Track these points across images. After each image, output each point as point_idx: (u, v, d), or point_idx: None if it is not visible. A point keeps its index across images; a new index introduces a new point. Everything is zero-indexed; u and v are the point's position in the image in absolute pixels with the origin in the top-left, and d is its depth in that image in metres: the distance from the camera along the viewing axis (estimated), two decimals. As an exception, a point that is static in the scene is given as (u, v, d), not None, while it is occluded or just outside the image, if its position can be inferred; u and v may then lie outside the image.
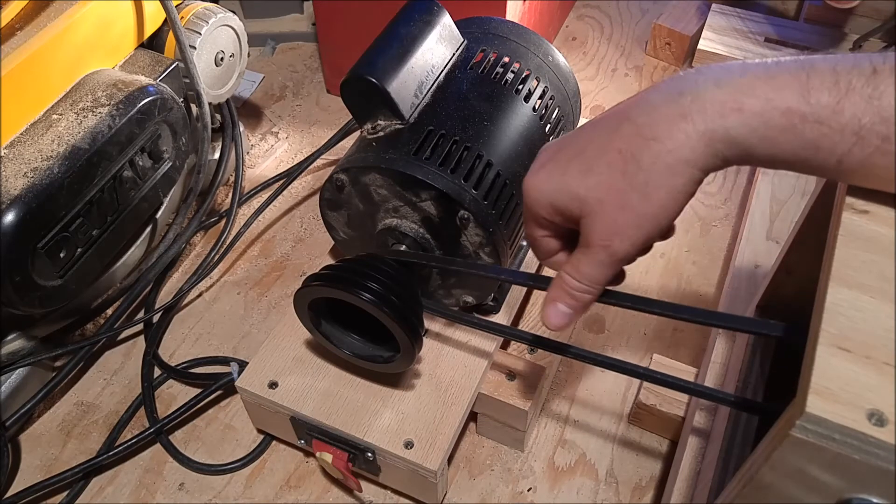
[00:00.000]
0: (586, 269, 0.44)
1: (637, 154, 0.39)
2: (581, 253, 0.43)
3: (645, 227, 0.41)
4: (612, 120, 0.41)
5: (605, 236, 0.41)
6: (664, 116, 0.38)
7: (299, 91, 1.14)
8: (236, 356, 0.81)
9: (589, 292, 0.45)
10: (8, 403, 0.72)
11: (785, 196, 0.87)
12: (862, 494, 0.32)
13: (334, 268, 0.59)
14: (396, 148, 0.62)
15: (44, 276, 0.65)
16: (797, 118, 0.35)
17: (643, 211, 0.40)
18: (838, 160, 0.35)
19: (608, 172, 0.40)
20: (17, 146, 0.64)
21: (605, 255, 0.42)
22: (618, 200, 0.40)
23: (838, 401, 0.31)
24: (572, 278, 0.44)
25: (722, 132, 0.37)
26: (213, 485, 0.73)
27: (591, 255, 0.43)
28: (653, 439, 0.75)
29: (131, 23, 0.74)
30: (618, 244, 0.41)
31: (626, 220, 0.40)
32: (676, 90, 0.39)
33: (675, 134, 0.38)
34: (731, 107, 0.37)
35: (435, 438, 0.64)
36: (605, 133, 0.41)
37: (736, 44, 1.06)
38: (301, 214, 0.97)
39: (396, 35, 0.64)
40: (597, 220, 0.41)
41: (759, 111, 0.36)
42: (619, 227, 0.41)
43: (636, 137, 0.39)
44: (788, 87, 0.36)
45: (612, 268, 0.43)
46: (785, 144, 0.36)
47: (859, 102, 0.34)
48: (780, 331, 0.45)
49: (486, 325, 0.63)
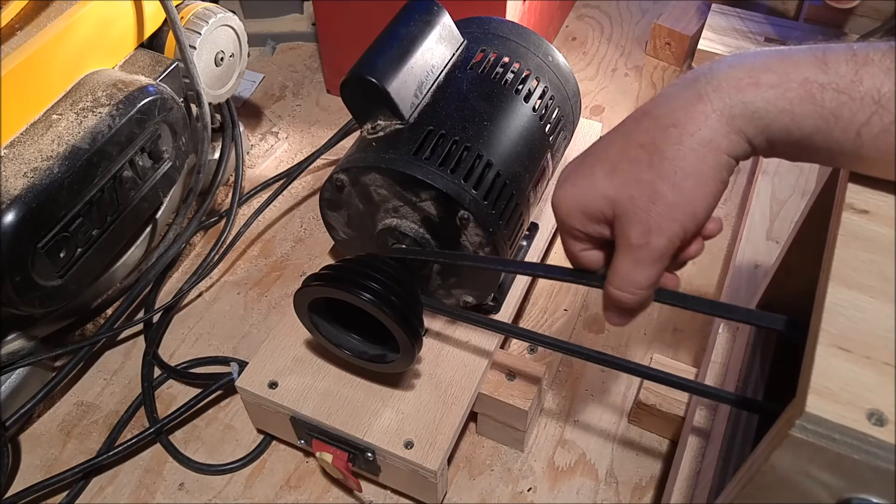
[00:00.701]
0: (627, 274, 0.42)
1: (659, 144, 0.39)
2: (620, 257, 0.42)
3: (679, 219, 0.39)
4: (630, 120, 0.41)
5: (642, 234, 0.40)
6: (681, 103, 0.38)
7: (299, 91, 1.14)
8: (236, 356, 0.81)
9: (634, 296, 0.43)
10: (8, 403, 0.72)
11: (785, 196, 0.87)
12: (862, 494, 0.32)
13: (334, 268, 0.59)
14: (396, 148, 0.62)
15: (44, 276, 0.65)
16: (815, 87, 0.35)
17: (675, 200, 0.39)
18: (857, 132, 0.35)
19: (634, 168, 0.40)
20: (17, 146, 0.64)
21: (644, 254, 0.41)
22: (648, 193, 0.39)
23: (838, 401, 0.31)
24: (613, 288, 0.43)
25: (740, 107, 0.37)
26: (213, 485, 0.73)
27: (630, 257, 0.41)
28: (653, 439, 0.75)
29: (131, 23, 0.74)
30: (655, 240, 0.40)
31: (660, 212, 0.39)
32: (691, 77, 0.39)
33: (693, 116, 0.38)
34: (748, 82, 0.37)
35: (435, 438, 0.64)
36: (625, 133, 0.41)
37: (736, 44, 1.06)
38: (301, 214, 0.97)
39: (396, 35, 0.64)
40: (630, 218, 0.40)
41: (776, 83, 0.36)
42: (653, 222, 0.39)
43: (656, 129, 0.39)
44: (805, 62, 0.36)
45: (653, 267, 0.41)
46: (803, 116, 0.36)
47: (878, 74, 0.34)
48: (780, 324, 0.45)
49: (487, 323, 0.63)
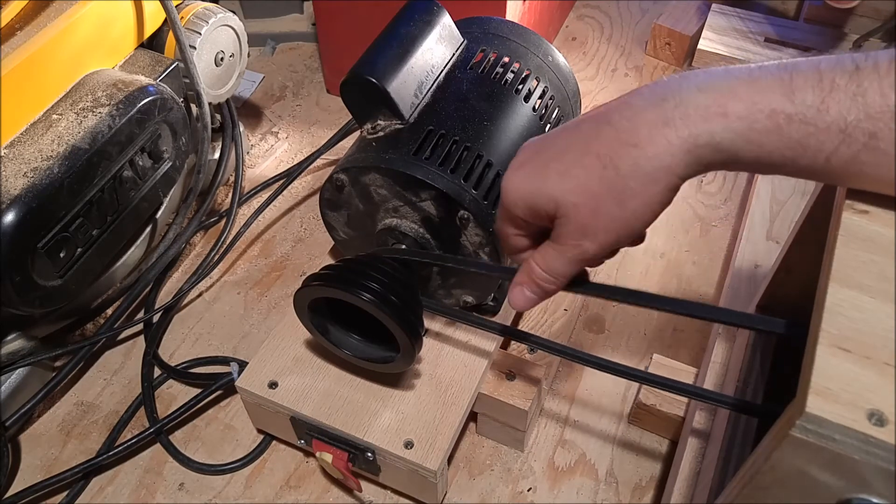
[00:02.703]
0: (554, 263, 0.45)
1: (616, 159, 0.39)
2: (551, 247, 0.44)
3: (616, 232, 0.41)
4: (592, 123, 0.41)
5: (577, 237, 0.42)
6: (645, 122, 0.38)
7: (299, 91, 1.14)
8: (236, 356, 0.81)
9: (554, 283, 0.46)
10: (8, 403, 0.72)
11: (785, 196, 0.87)
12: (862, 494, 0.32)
13: (334, 268, 0.59)
14: (396, 148, 0.62)
15: (44, 276, 0.65)
16: (782, 119, 0.35)
17: (616, 216, 0.40)
18: (826, 159, 0.35)
19: (585, 176, 0.40)
20: (17, 146, 0.64)
21: (574, 254, 0.43)
22: (592, 204, 0.41)
23: (838, 401, 0.31)
24: (540, 269, 0.46)
25: (706, 137, 0.37)
26: (213, 485, 0.73)
27: (560, 252, 0.44)
28: (653, 439, 0.75)
29: (131, 23, 0.74)
30: (587, 245, 0.42)
31: (599, 224, 0.41)
32: (659, 95, 0.38)
33: (656, 140, 0.38)
34: (715, 111, 0.36)
35: (435, 438, 0.64)
36: (585, 136, 0.41)
37: (736, 44, 1.06)
38: (301, 214, 0.97)
39: (396, 35, 0.64)
40: (570, 221, 0.42)
41: (744, 114, 0.36)
42: (590, 230, 0.42)
43: (616, 142, 0.39)
44: (772, 89, 0.35)
45: (578, 265, 0.44)
46: (771, 146, 0.36)
47: (844, 100, 0.34)
48: (781, 327, 0.45)
49: (487, 324, 0.63)
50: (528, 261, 0.47)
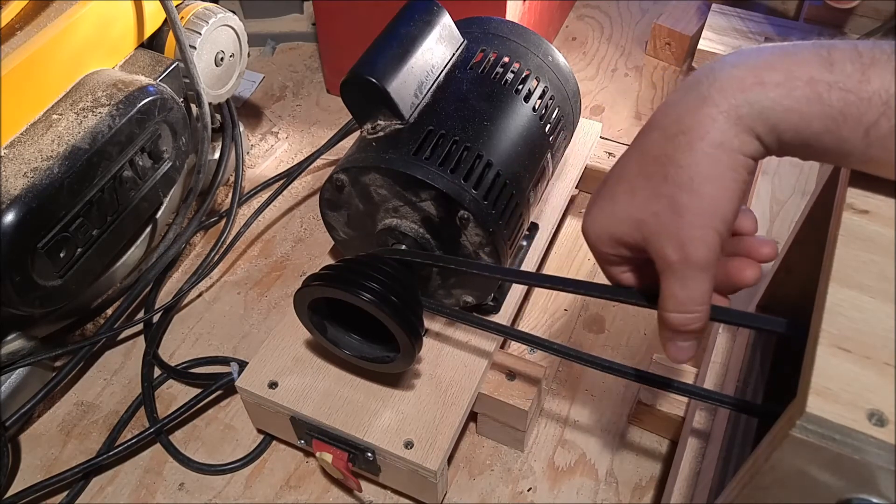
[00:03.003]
0: (678, 293, 0.40)
1: (672, 154, 0.38)
2: (665, 280, 0.40)
3: (709, 225, 0.38)
4: (641, 135, 0.41)
5: (677, 249, 0.39)
6: (686, 108, 0.38)
7: (299, 91, 1.14)
8: (236, 356, 0.81)
9: (696, 317, 0.41)
10: (8, 403, 0.72)
11: (785, 196, 0.87)
12: (862, 494, 0.32)
13: (334, 268, 0.59)
14: (396, 148, 0.62)
15: (44, 276, 0.65)
16: (822, 87, 0.35)
17: (699, 207, 0.38)
18: (865, 132, 0.34)
19: (652, 183, 0.39)
20: (17, 146, 0.64)
21: (688, 269, 0.39)
22: (671, 206, 0.38)
23: (838, 401, 0.31)
24: (670, 314, 0.41)
25: (746, 107, 0.36)
26: (213, 485, 0.73)
27: (675, 276, 0.40)
28: (653, 439, 0.75)
29: (131, 23, 0.74)
30: (693, 251, 0.38)
31: (687, 222, 0.38)
32: (694, 81, 0.38)
33: (700, 120, 0.37)
34: (752, 81, 0.36)
35: (435, 438, 0.64)
36: (638, 150, 0.41)
37: (736, 44, 1.06)
38: (301, 214, 0.97)
39: (396, 35, 0.64)
40: (661, 235, 0.39)
41: (782, 82, 0.35)
42: (684, 234, 0.38)
43: (666, 139, 0.39)
44: (809, 61, 0.35)
45: (701, 279, 0.39)
46: (811, 116, 0.35)
47: (885, 74, 0.33)
48: (782, 327, 0.45)
49: (487, 325, 0.63)
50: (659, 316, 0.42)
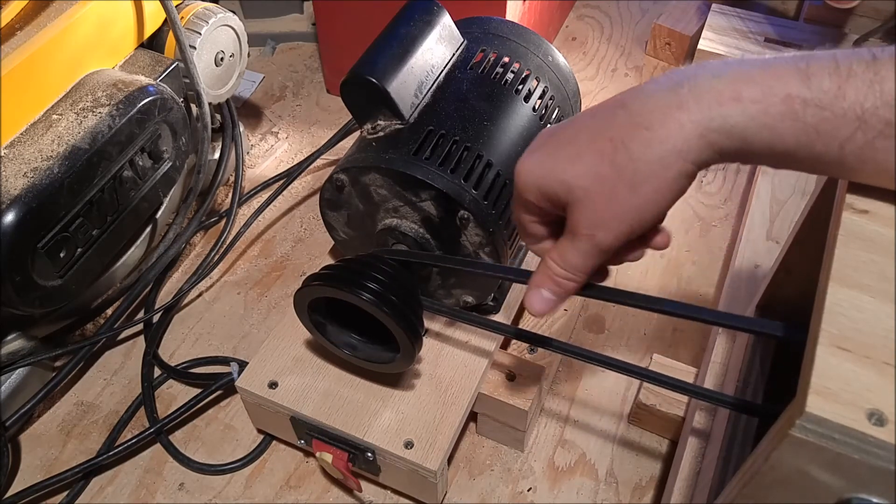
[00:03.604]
0: (571, 257, 0.43)
1: (628, 142, 0.38)
2: (566, 240, 0.43)
3: (629, 221, 0.40)
4: (607, 108, 0.41)
5: (590, 226, 0.41)
6: (659, 105, 0.38)
7: (299, 91, 1.14)
8: (236, 356, 0.81)
9: (573, 280, 0.45)
10: (8, 403, 0.72)
11: (785, 196, 0.87)
12: (862, 494, 0.32)
13: (334, 268, 0.59)
14: (396, 148, 0.62)
15: (44, 276, 0.65)
16: (798, 103, 0.35)
17: (629, 203, 0.39)
18: (840, 146, 0.35)
19: (598, 160, 0.40)
20: (17, 146, 0.64)
21: (590, 246, 0.42)
22: (604, 190, 0.40)
23: (838, 401, 0.31)
24: (557, 265, 0.44)
25: (719, 121, 0.36)
26: (213, 485, 0.73)
27: (576, 244, 0.42)
28: (653, 439, 0.75)
29: (131, 23, 0.74)
30: (602, 236, 0.41)
31: (612, 211, 0.40)
32: (675, 81, 0.38)
33: (668, 123, 0.37)
34: (729, 96, 0.36)
35: (435, 438, 0.64)
36: (599, 121, 0.41)
37: (736, 44, 1.06)
38: (301, 214, 0.97)
39: (396, 35, 0.64)
40: (582, 208, 0.41)
41: (758, 98, 0.35)
42: (603, 219, 0.40)
43: (629, 126, 0.39)
44: (788, 75, 0.35)
45: (595, 258, 0.43)
46: (785, 132, 0.35)
47: (861, 87, 0.33)
48: (780, 330, 0.45)
49: (487, 324, 0.63)
50: (545, 258, 0.45)
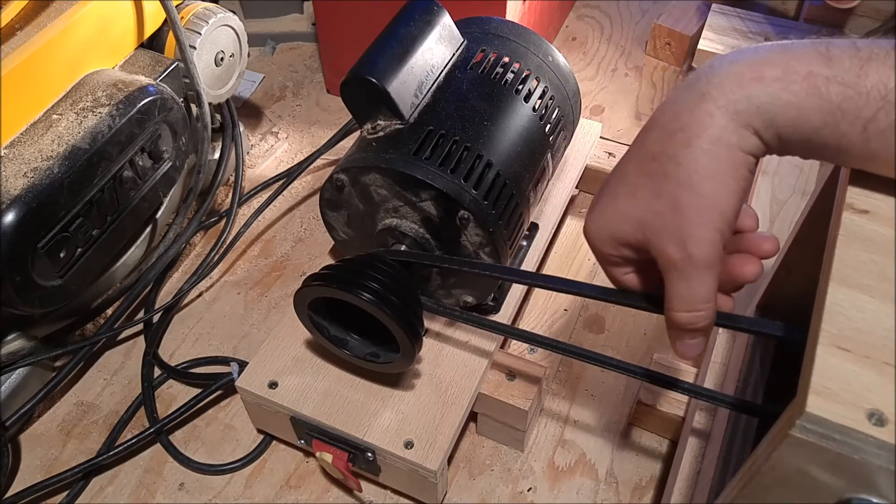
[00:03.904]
0: (683, 293, 0.40)
1: (671, 152, 0.38)
2: (669, 279, 0.40)
3: (710, 223, 0.38)
4: (641, 134, 0.41)
5: (680, 248, 0.38)
6: (685, 106, 0.38)
7: (299, 91, 1.14)
8: (236, 356, 0.81)
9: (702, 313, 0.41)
10: (8, 403, 0.72)
11: (785, 196, 0.87)
12: (862, 494, 0.32)
13: (334, 268, 0.59)
14: (396, 148, 0.62)
15: (44, 276, 0.65)
16: (820, 81, 0.35)
17: (700, 206, 0.38)
18: (864, 126, 0.34)
19: (653, 182, 0.39)
20: (17, 146, 0.64)
21: (691, 268, 0.39)
22: (672, 206, 0.38)
23: (838, 401, 0.31)
24: (676, 313, 0.41)
25: (744, 102, 0.36)
26: (213, 485, 0.73)
27: (679, 276, 0.39)
28: (653, 439, 0.75)
29: (131, 23, 0.74)
30: (695, 249, 0.38)
31: (688, 220, 0.38)
32: (692, 79, 0.38)
33: (698, 117, 0.37)
34: (750, 77, 0.36)
35: (435, 438, 0.64)
36: (639, 149, 0.41)
37: (736, 44, 1.06)
38: (301, 214, 0.97)
39: (396, 35, 0.64)
40: (663, 235, 0.39)
41: (780, 76, 0.35)
42: (685, 232, 0.38)
43: (664, 137, 0.39)
44: (808, 56, 0.35)
45: (705, 277, 0.39)
46: (809, 110, 0.35)
47: (883, 69, 0.33)
48: (779, 330, 0.45)
49: (487, 324, 0.63)
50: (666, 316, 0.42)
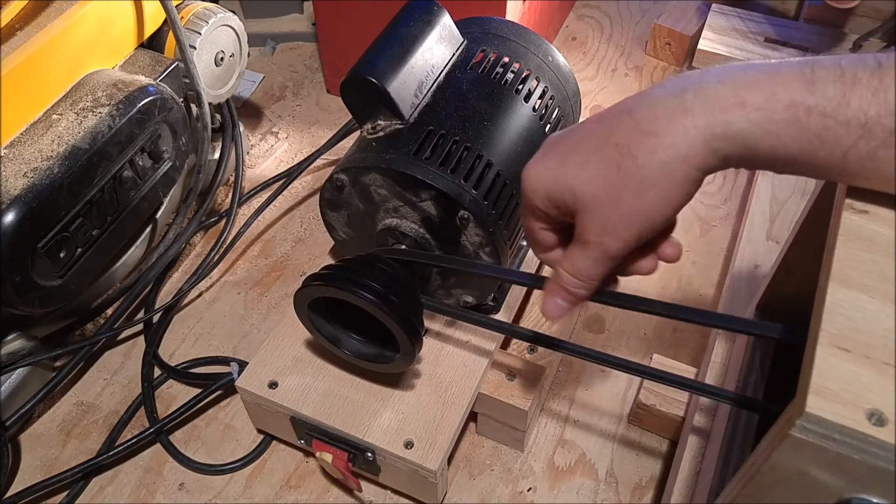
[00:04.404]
0: (581, 264, 0.44)
1: (633, 149, 0.39)
2: (576, 248, 0.43)
3: (637, 227, 0.40)
4: (613, 114, 0.41)
5: (598, 233, 0.41)
6: (664, 111, 0.38)
7: (299, 91, 1.14)
8: (236, 356, 0.81)
9: (584, 287, 0.45)
10: (8, 403, 0.72)
11: (785, 196, 0.87)
12: (862, 494, 0.32)
13: (334, 267, 0.59)
14: (396, 148, 0.62)
15: (44, 276, 0.65)
16: (802, 111, 0.35)
17: (636, 209, 0.39)
18: (843, 154, 0.35)
19: (604, 166, 0.40)
20: (17, 146, 0.64)
21: (599, 252, 0.42)
22: (611, 196, 0.40)
23: (838, 401, 0.31)
24: (567, 274, 0.45)
25: (723, 127, 0.36)
26: (213, 485, 0.73)
27: (586, 252, 0.43)
28: (653, 439, 0.75)
29: (131, 23, 0.74)
30: (610, 242, 0.41)
31: (619, 217, 0.40)
32: (679, 87, 0.38)
33: (673, 129, 0.37)
34: (734, 101, 0.36)
35: (435, 438, 0.64)
36: (606, 126, 0.41)
37: (736, 44, 1.06)
38: (301, 214, 0.97)
39: (396, 35, 0.64)
40: (590, 215, 0.41)
41: (763, 105, 0.36)
42: (611, 225, 0.41)
43: (634, 132, 0.39)
44: (793, 81, 0.35)
45: (605, 265, 0.43)
46: (788, 139, 0.35)
47: (865, 95, 0.33)
48: (777, 332, 0.45)
49: (487, 323, 0.63)
50: (556, 267, 0.46)
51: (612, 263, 0.43)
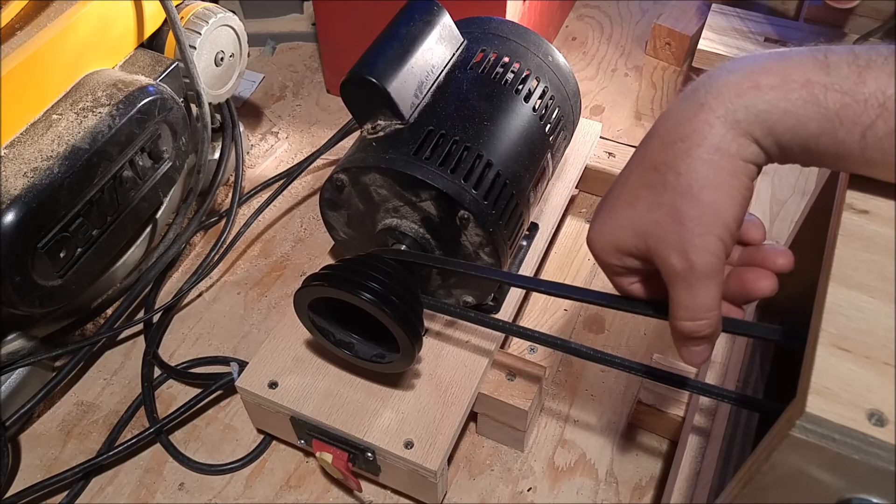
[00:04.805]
0: (686, 302, 0.40)
1: (671, 161, 0.38)
2: (672, 289, 0.40)
3: (711, 232, 0.38)
4: (642, 144, 0.41)
5: (681, 258, 0.38)
6: (684, 116, 0.38)
7: (299, 91, 1.14)
8: (236, 356, 0.81)
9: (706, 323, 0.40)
10: (8, 403, 0.72)
11: (785, 196, 0.87)
12: (862, 494, 0.32)
13: (334, 268, 0.59)
14: (396, 148, 0.62)
15: (44, 276, 0.65)
16: (818, 88, 0.35)
17: (699, 214, 0.37)
18: (862, 134, 0.34)
19: (653, 192, 0.39)
20: (17, 146, 0.64)
21: (692, 276, 0.39)
22: (672, 215, 0.38)
23: (838, 401, 0.31)
24: (681, 321, 0.41)
25: (743, 112, 0.36)
26: (213, 485, 0.73)
27: (682, 287, 0.39)
28: (653, 439, 0.75)
29: (131, 23, 0.74)
30: (696, 258, 0.38)
31: (689, 230, 0.38)
32: (691, 90, 0.39)
33: (698, 127, 0.37)
34: (748, 86, 0.36)
35: (435, 438, 0.64)
36: (639, 159, 0.41)
37: (736, 44, 1.06)
38: (301, 214, 0.97)
39: (396, 35, 0.64)
40: (664, 244, 0.39)
41: (777, 85, 0.35)
42: (687, 241, 0.38)
43: (664, 146, 0.39)
44: (806, 64, 0.35)
45: (707, 286, 0.39)
46: (807, 118, 0.35)
47: (881, 76, 0.33)
48: (777, 335, 0.45)
49: (487, 323, 0.63)
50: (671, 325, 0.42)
51: (715, 282, 0.39)
